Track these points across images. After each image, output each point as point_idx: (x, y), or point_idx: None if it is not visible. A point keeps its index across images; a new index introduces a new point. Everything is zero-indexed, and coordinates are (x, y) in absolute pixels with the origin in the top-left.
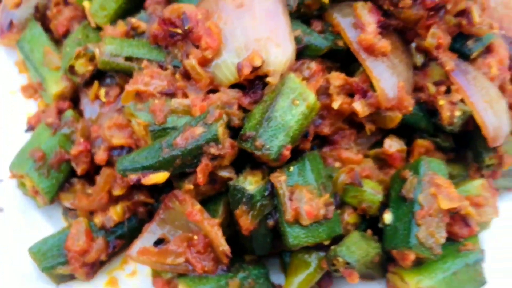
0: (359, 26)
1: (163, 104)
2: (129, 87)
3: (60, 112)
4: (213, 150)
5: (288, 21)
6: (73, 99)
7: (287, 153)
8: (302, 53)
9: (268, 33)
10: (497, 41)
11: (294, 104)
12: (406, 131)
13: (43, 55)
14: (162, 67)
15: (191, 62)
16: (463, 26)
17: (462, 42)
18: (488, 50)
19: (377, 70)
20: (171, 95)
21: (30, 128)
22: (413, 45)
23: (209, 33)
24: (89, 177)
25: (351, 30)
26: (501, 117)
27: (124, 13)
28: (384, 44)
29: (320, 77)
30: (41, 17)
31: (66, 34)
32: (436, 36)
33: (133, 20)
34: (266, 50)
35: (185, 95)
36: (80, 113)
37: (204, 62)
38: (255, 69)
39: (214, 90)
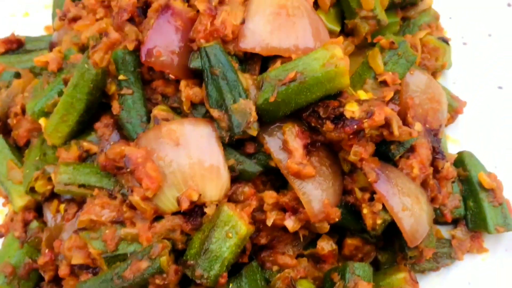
0: (287, 151)
1: (113, 232)
2: (83, 217)
3: (26, 223)
4: (158, 281)
5: (222, 153)
6: (38, 209)
7: (223, 280)
8: (237, 177)
9: (203, 170)
10: (418, 142)
11: (227, 237)
12: (338, 228)
13: (7, 169)
14: (111, 195)
15: (135, 198)
16: (385, 136)
17: (387, 146)
18: (411, 150)
19: (304, 191)
20: (120, 223)
21: (1, 235)
22: (340, 155)
23: (148, 176)
24: (57, 280)
25: (280, 153)
26: (420, 220)
27: (76, 133)
28: (309, 170)
29: (253, 200)
30: (3, 125)
31: (27, 143)
32: (358, 153)
33: (85, 144)
34: (202, 185)
35: (133, 224)
36: (45, 223)
37: (146, 198)
38: (192, 202)
39: (159, 217)
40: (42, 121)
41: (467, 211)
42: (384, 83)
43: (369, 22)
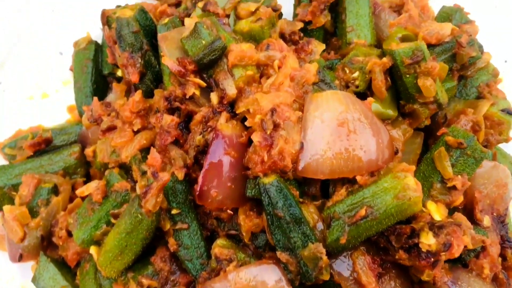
0: (359, 285)
1: None
2: None
3: None
4: None
5: None
6: None
7: None
8: None
9: None
10: (488, 240)
11: None
12: None
13: None
14: None
15: None
16: None
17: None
18: (481, 248)
19: None
20: None
21: None
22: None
23: None
24: None
25: (352, 286)
26: None
27: (131, 266)
28: None
29: None
30: (48, 244)
31: (78, 263)
32: (431, 275)
33: (144, 281)
34: None
35: None
36: None
37: None
38: None
39: None
40: (93, 250)
41: None
42: (453, 188)
43: (429, 106)
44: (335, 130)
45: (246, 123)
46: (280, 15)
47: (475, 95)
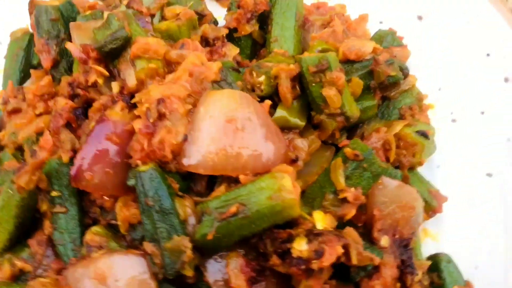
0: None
1: None
2: None
3: None
4: None
5: None
6: None
7: None
8: None
9: None
10: (383, 261)
11: None
12: None
13: None
14: None
15: None
16: (344, 262)
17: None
18: (375, 268)
19: None
20: None
21: None
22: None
23: None
24: None
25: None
26: None
27: (7, 250)
28: None
29: None
30: None
31: None
32: (309, 286)
33: (18, 263)
34: None
35: None
36: None
37: None
38: None
39: None
40: None
41: None
42: (345, 200)
43: (336, 119)
44: (223, 127)
45: (135, 112)
46: (215, 23)
47: (397, 117)
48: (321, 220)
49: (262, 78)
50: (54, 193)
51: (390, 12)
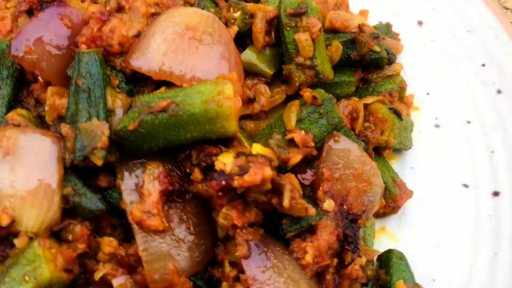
0: (139, 194)
1: None
2: None
3: None
4: None
5: (57, 178)
6: None
7: None
8: (73, 212)
9: (26, 191)
10: (322, 223)
11: (24, 280)
12: None
13: None
14: None
15: None
16: (275, 205)
17: (278, 219)
18: (311, 231)
19: (146, 246)
20: None
21: None
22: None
23: None
24: None
25: (131, 194)
26: None
27: None
28: (155, 222)
29: (83, 243)
30: None
31: None
32: (228, 218)
33: None
34: (21, 209)
35: None
36: None
37: None
38: (2, 227)
39: None
40: None
41: None
42: (292, 143)
43: (305, 71)
44: (180, 32)
45: (98, 1)
46: None
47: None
48: (258, 149)
49: (237, 14)
50: None
51: (391, 16)
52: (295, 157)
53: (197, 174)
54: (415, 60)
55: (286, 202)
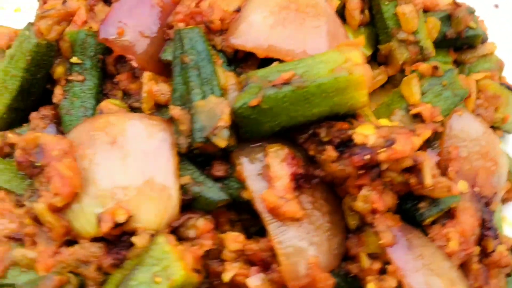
0: (267, 179)
1: (6, 251)
2: None
3: None
4: None
5: (174, 166)
6: None
7: None
8: (192, 205)
9: (141, 180)
10: (462, 206)
11: (154, 282)
12: None
13: None
14: (19, 202)
15: (39, 206)
16: (412, 186)
17: (414, 203)
18: (449, 215)
19: (283, 238)
20: (19, 241)
21: None
22: (344, 202)
23: (61, 176)
24: None
25: (256, 180)
26: None
27: (7, 125)
28: (293, 208)
29: (209, 239)
30: None
31: None
32: (369, 201)
33: (10, 135)
34: (136, 202)
35: (34, 244)
36: None
37: (56, 209)
38: (117, 224)
39: (73, 242)
40: None
41: None
42: (418, 118)
43: (408, 48)
44: (284, 6)
45: None
46: None
47: None
48: (388, 123)
49: None
50: (74, 59)
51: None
52: (424, 133)
53: (330, 152)
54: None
55: (428, 180)
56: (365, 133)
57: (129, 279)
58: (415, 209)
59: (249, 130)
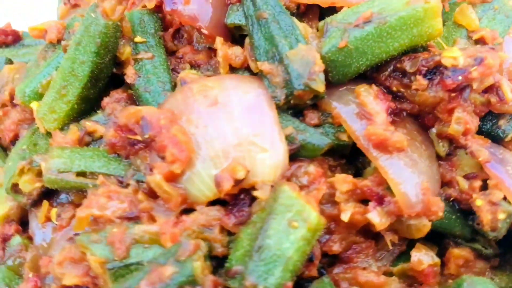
0: (365, 117)
1: (124, 232)
2: (81, 212)
3: (5, 239)
4: None
5: (276, 118)
6: (22, 221)
7: None
8: (297, 154)
9: (251, 135)
10: None
11: (291, 227)
12: (437, 236)
13: None
14: (122, 183)
15: (156, 178)
16: (493, 104)
17: (493, 122)
18: None
19: (394, 169)
20: (134, 219)
21: None
22: (433, 130)
23: (175, 142)
24: None
25: (355, 121)
26: None
27: (78, 115)
28: (399, 138)
29: (323, 184)
30: None
31: (15, 140)
32: (463, 121)
33: (88, 124)
34: (250, 157)
35: (152, 219)
36: (30, 239)
37: (173, 178)
38: (238, 182)
39: (189, 210)
40: (34, 104)
41: None
42: (481, 42)
43: None
44: None
45: None
46: None
47: None
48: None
49: None
50: (138, 39)
51: None
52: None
53: (421, 81)
54: None
55: (509, 95)
56: (454, 55)
57: (264, 230)
58: (496, 127)
59: (337, 73)
